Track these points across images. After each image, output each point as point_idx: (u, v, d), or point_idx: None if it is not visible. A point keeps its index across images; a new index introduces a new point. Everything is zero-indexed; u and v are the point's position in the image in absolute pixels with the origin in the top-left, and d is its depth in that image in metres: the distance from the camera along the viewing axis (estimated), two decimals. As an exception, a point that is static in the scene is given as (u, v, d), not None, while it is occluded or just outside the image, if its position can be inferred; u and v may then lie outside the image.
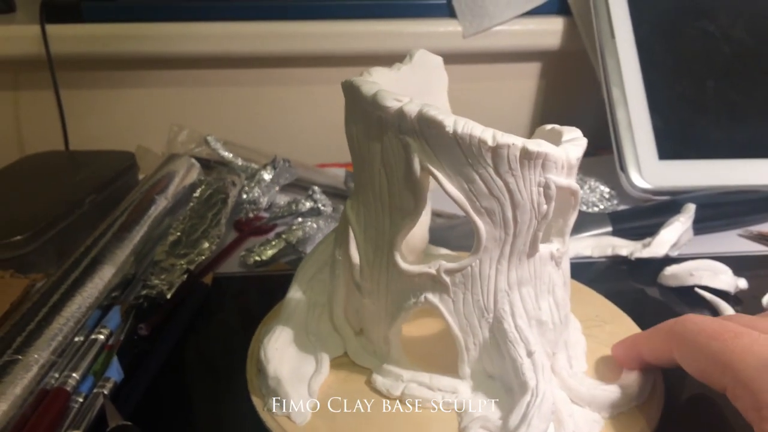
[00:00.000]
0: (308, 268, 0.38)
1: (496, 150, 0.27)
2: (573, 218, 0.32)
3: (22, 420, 0.33)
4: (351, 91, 0.31)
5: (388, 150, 0.30)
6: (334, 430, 0.31)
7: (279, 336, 0.36)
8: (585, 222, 0.53)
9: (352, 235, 0.34)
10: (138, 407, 0.35)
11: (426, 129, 0.28)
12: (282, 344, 0.35)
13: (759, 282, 0.45)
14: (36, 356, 0.35)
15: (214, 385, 0.36)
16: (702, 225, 0.52)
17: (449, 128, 0.27)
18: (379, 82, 0.31)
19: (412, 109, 0.28)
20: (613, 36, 0.63)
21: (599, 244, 0.51)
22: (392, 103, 0.28)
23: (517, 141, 0.27)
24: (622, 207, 0.59)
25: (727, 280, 0.44)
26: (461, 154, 0.28)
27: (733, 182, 0.58)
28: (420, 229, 0.41)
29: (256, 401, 0.34)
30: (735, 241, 0.53)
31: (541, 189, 0.29)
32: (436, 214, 0.54)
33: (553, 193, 0.29)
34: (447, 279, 0.30)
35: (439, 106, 0.38)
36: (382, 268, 0.32)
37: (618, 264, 0.49)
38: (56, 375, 0.36)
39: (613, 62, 0.63)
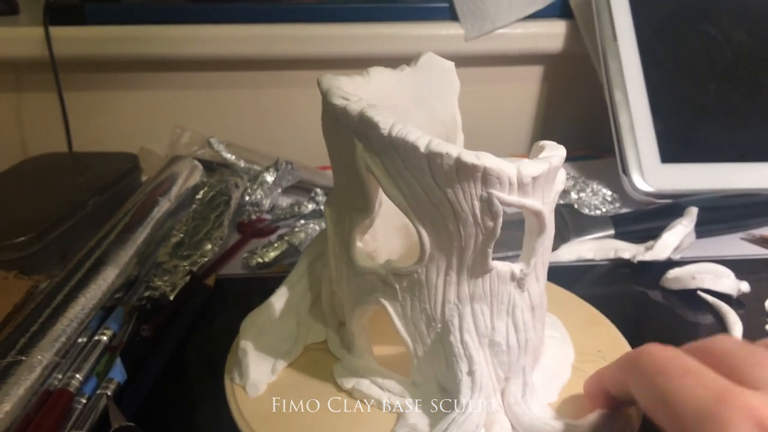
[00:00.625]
0: (311, 251, 0.39)
1: (430, 157, 0.27)
2: (541, 241, 0.30)
3: (26, 421, 0.33)
4: (319, 88, 0.31)
5: (343, 148, 0.30)
6: (278, 409, 0.33)
7: (263, 312, 0.37)
8: (587, 225, 0.53)
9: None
10: (141, 408, 0.35)
11: (367, 130, 0.28)
12: (263, 320, 0.36)
13: (761, 285, 0.45)
14: (39, 357, 0.35)
15: (216, 385, 0.36)
16: (704, 228, 0.52)
17: (384, 131, 0.27)
18: (363, 82, 0.33)
19: (354, 109, 0.28)
20: (615, 39, 0.63)
21: (601, 247, 0.51)
22: (339, 101, 0.29)
23: (452, 150, 0.26)
24: (624, 210, 0.59)
25: (729, 283, 0.44)
26: (398, 158, 0.28)
27: (736, 186, 0.58)
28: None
29: (227, 369, 0.36)
30: (737, 245, 0.53)
31: (484, 204, 0.27)
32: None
33: (498, 210, 0.27)
34: (395, 283, 0.30)
35: (445, 113, 0.38)
36: (344, 264, 0.33)
37: (620, 267, 0.49)
38: (59, 376, 0.36)
39: (615, 65, 0.63)
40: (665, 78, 0.63)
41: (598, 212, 0.58)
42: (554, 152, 0.30)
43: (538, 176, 0.28)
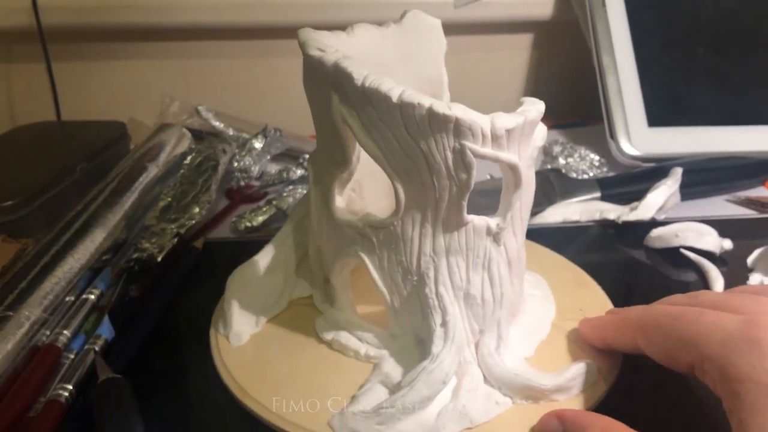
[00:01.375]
0: (298, 211, 0.39)
1: (402, 108, 0.27)
2: (517, 196, 0.30)
3: (14, 375, 0.34)
4: (298, 39, 0.31)
5: (321, 100, 0.30)
6: (258, 358, 0.34)
7: (250, 267, 0.37)
8: (574, 187, 0.54)
9: None
10: (128, 365, 0.36)
11: (342, 81, 0.28)
12: (249, 275, 0.37)
13: (744, 243, 0.46)
14: (27, 313, 0.36)
15: (203, 344, 0.36)
16: (690, 190, 0.52)
17: (358, 81, 0.27)
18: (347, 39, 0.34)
19: (329, 60, 0.28)
20: (603, 4, 0.63)
21: (587, 209, 0.51)
22: (314, 52, 0.29)
23: (424, 101, 0.26)
24: (611, 174, 0.59)
25: (712, 240, 0.45)
26: (372, 110, 0.28)
27: (722, 149, 0.59)
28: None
29: (213, 321, 0.37)
30: (723, 206, 0.54)
31: (457, 156, 0.27)
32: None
33: (471, 162, 0.27)
34: (372, 236, 0.31)
35: (431, 71, 0.38)
36: (324, 218, 0.33)
37: (606, 228, 0.50)
38: (47, 332, 0.37)
39: (604, 29, 0.63)
40: (653, 42, 0.63)
41: (586, 177, 0.59)
42: (532, 107, 0.30)
43: (513, 129, 0.28)
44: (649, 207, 0.49)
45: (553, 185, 0.53)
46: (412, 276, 0.31)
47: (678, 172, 0.50)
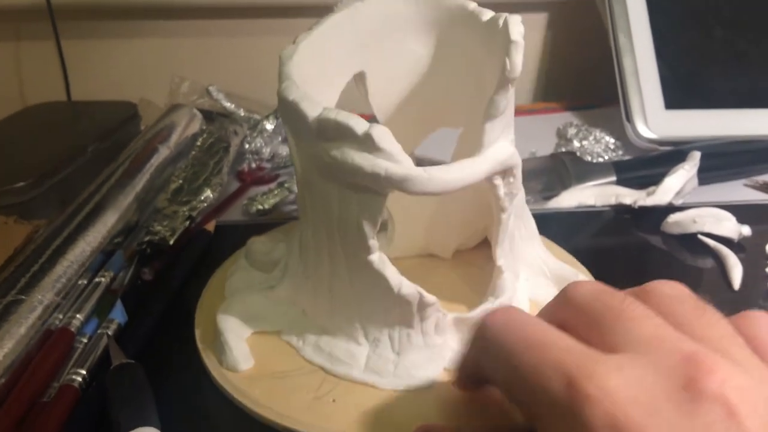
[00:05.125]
0: None
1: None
2: None
3: (27, 359, 0.33)
4: None
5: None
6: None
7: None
8: (589, 171, 0.53)
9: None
10: (141, 349, 0.35)
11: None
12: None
13: (763, 229, 0.45)
14: (40, 297, 0.36)
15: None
16: (707, 174, 0.51)
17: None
18: None
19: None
20: (621, -17, 0.62)
21: (603, 193, 0.50)
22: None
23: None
24: (627, 158, 0.58)
25: (730, 227, 0.44)
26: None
27: (740, 132, 0.58)
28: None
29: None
30: (740, 191, 0.53)
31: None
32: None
33: None
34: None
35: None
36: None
37: (621, 213, 0.49)
38: (60, 316, 0.36)
39: (621, 9, 0.61)
40: (671, 23, 0.62)
41: (601, 160, 0.58)
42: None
43: None
44: (666, 192, 0.48)
45: (567, 169, 0.53)
46: None
47: (696, 156, 0.49)
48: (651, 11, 0.61)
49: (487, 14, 0.32)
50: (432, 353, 0.30)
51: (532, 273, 0.36)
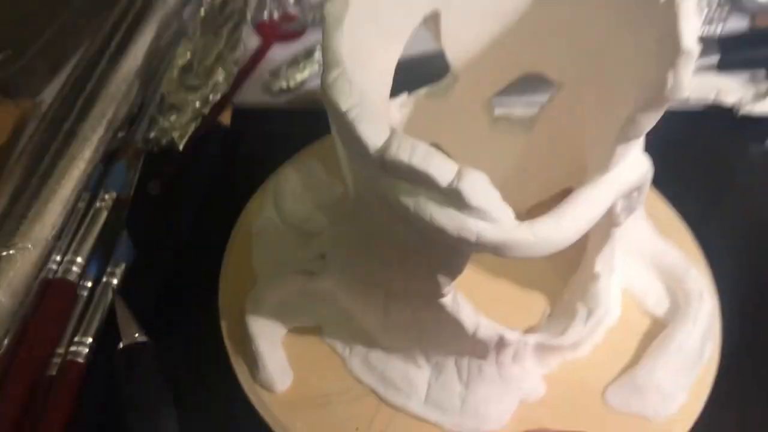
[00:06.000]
0: None
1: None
2: None
3: (23, 322, 0.30)
4: None
5: None
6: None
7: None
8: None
9: None
10: (151, 305, 0.31)
11: None
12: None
13: None
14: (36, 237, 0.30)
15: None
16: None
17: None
18: None
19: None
20: None
21: (701, 86, 0.41)
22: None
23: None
24: (732, 21, 0.46)
25: None
26: None
27: None
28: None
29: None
30: None
31: None
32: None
33: None
34: None
35: None
36: None
37: (720, 119, 0.40)
38: (58, 259, 0.32)
39: None
40: None
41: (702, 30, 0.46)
42: None
43: None
44: (782, 96, 0.39)
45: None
46: None
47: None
48: None
49: None
50: (508, 387, 0.26)
51: (632, 258, 0.29)
